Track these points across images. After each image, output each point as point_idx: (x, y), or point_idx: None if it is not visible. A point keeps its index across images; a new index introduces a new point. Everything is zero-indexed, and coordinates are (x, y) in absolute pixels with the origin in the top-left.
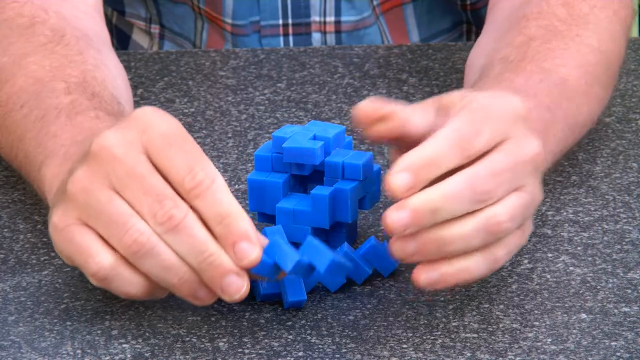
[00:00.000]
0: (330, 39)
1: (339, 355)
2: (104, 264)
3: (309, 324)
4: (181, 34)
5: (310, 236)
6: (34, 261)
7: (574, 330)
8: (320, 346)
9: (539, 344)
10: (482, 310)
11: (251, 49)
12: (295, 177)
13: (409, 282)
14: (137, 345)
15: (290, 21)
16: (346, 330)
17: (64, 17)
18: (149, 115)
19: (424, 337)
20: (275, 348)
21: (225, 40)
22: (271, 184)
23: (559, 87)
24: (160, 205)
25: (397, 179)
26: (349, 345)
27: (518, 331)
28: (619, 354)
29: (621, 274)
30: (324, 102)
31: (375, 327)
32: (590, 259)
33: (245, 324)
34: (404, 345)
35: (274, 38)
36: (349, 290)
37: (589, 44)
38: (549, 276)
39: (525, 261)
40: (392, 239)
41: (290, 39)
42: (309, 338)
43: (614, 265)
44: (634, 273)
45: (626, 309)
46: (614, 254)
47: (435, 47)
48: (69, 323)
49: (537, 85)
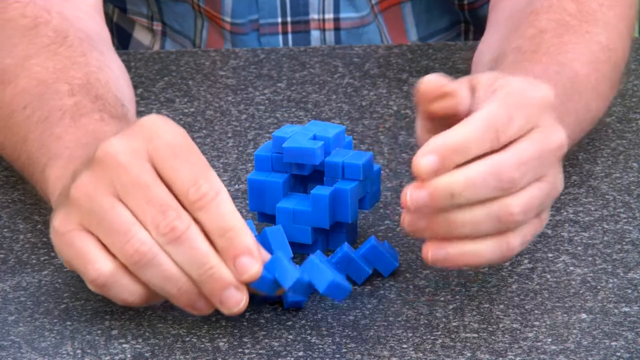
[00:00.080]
0: (329, 37)
1: (339, 355)
2: (104, 271)
3: (309, 324)
4: (181, 32)
5: (312, 255)
6: (34, 261)
7: (574, 330)
8: (320, 346)
9: (539, 344)
10: (482, 310)
11: (251, 48)
12: (295, 177)
13: (409, 282)
14: (137, 345)
15: (289, 19)
16: (346, 330)
17: (66, 18)
18: (155, 124)
19: (424, 337)
20: (275, 348)
21: (224, 39)
22: (271, 184)
23: (572, 81)
24: (164, 216)
25: (424, 161)
26: (349, 345)
27: (518, 331)
28: (619, 354)
29: (621, 274)
30: (324, 102)
31: (375, 327)
32: (590, 259)
33: (245, 324)
34: (404, 345)
35: (272, 36)
36: None
37: (599, 41)
38: (549, 276)
39: (525, 261)
40: (405, 211)
41: (289, 37)
42: (309, 338)
43: (614, 265)
44: (634, 273)
45: (626, 309)
46: (614, 254)
47: (435, 47)
48: (69, 323)
49: (554, 77)
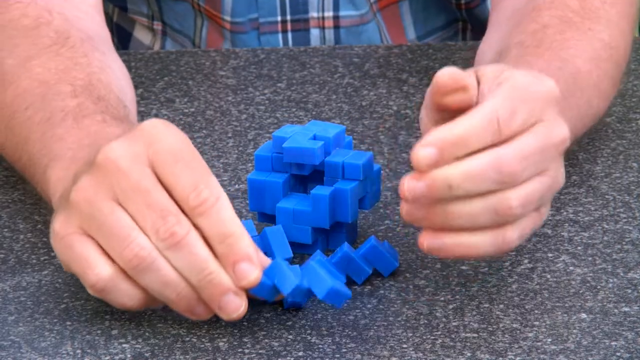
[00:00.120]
0: (329, 35)
1: (339, 355)
2: (103, 276)
3: (309, 324)
4: (181, 32)
5: (312, 262)
6: (34, 261)
7: (574, 330)
8: (320, 346)
9: (539, 343)
10: (482, 310)
11: (251, 48)
12: (295, 177)
13: (409, 282)
14: (137, 345)
15: (288, 18)
16: (346, 330)
17: (67, 19)
18: (156, 128)
19: (424, 337)
20: (275, 348)
21: (224, 38)
22: (271, 183)
23: (574, 77)
24: (164, 221)
25: (423, 153)
26: (349, 345)
27: (518, 331)
28: (619, 354)
29: (621, 274)
30: (324, 102)
31: (375, 327)
32: (590, 258)
33: (245, 324)
34: (404, 345)
35: (272, 35)
36: None
37: (601, 39)
38: (549, 276)
39: (525, 261)
40: (404, 201)
41: (289, 35)
42: (309, 338)
43: (614, 265)
44: (634, 273)
45: (626, 309)
46: (614, 254)
47: (435, 47)
48: (69, 323)
49: (556, 72)
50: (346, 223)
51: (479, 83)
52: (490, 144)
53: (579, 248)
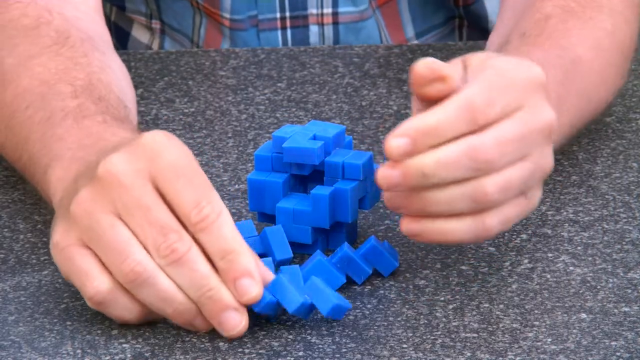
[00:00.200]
0: (328, 32)
1: (339, 355)
2: (101, 289)
3: (309, 324)
4: (180, 30)
5: (314, 277)
6: (34, 261)
7: (574, 330)
8: (320, 346)
9: (539, 343)
10: (482, 310)
11: (251, 48)
12: (295, 177)
13: (409, 282)
14: (137, 345)
15: (287, 14)
16: (346, 330)
17: (67, 19)
18: (158, 143)
19: (424, 337)
20: (275, 348)
21: (223, 35)
22: (271, 183)
23: (574, 65)
24: (165, 239)
25: (395, 142)
26: (349, 345)
27: (518, 331)
28: (619, 354)
29: (621, 274)
30: (324, 102)
31: (375, 327)
32: (590, 258)
33: None
34: (404, 345)
35: (271, 32)
36: (349, 290)
37: (603, 28)
38: (549, 276)
39: (525, 261)
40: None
41: (288, 32)
42: (309, 338)
43: (614, 265)
44: (634, 273)
45: (626, 309)
46: (614, 254)
47: (435, 47)
48: (69, 323)
49: (554, 60)
50: (346, 223)
51: (466, 71)
52: (467, 132)
53: (579, 248)
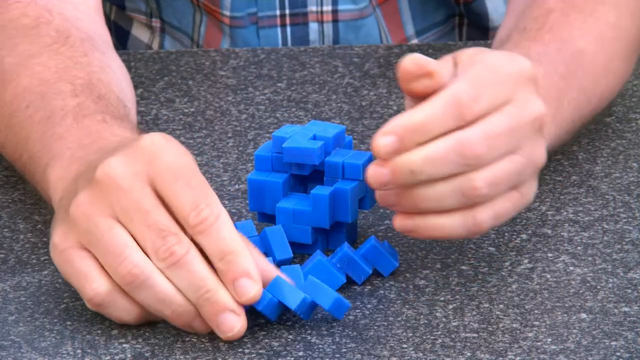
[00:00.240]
0: (328, 29)
1: (339, 355)
2: (100, 291)
3: (309, 323)
4: (180, 29)
5: (311, 276)
6: (34, 261)
7: (574, 330)
8: (320, 346)
9: (539, 343)
10: (482, 310)
11: (251, 48)
12: (295, 177)
13: (409, 282)
14: (137, 345)
15: (287, 11)
16: (346, 330)
17: (67, 19)
18: (157, 145)
19: (424, 337)
20: (275, 348)
21: (223, 33)
22: (271, 183)
23: (576, 58)
24: (163, 242)
25: (382, 141)
26: (349, 345)
27: (518, 331)
28: (619, 354)
29: (621, 274)
30: (324, 102)
31: (375, 327)
32: (590, 258)
33: None
34: (404, 345)
35: (271, 29)
36: (349, 290)
37: (607, 20)
38: (549, 276)
39: (525, 261)
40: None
41: (288, 29)
42: (309, 338)
43: (614, 265)
44: (634, 273)
45: (626, 309)
46: (614, 254)
47: (435, 47)
48: (69, 323)
49: (554, 54)
50: (346, 223)
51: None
52: (454, 127)
53: (579, 248)
